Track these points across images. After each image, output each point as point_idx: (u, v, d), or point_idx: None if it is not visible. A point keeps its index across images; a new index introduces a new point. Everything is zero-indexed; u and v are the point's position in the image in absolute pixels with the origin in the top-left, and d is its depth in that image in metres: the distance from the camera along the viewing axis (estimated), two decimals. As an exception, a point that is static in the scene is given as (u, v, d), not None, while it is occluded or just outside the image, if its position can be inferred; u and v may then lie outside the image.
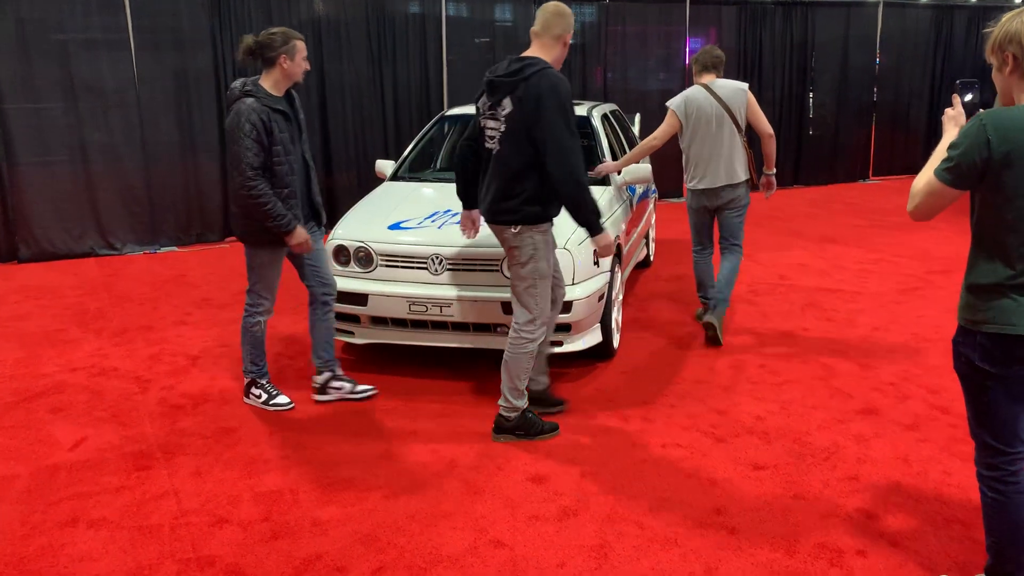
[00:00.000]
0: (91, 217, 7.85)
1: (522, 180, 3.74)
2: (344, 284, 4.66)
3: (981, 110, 2.35)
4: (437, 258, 4.54)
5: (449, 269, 4.54)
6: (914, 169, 12.37)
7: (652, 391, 4.59)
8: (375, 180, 8.75)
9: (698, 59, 5.41)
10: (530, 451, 3.89)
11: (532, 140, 3.66)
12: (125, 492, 3.55)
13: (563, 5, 3.91)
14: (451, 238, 4.61)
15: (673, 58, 10.37)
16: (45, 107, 7.56)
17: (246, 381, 4.48)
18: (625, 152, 6.14)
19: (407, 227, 4.77)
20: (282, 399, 4.42)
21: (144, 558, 3.06)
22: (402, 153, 8.66)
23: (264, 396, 4.42)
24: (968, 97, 2.88)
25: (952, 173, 2.33)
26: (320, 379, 4.49)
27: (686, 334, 5.46)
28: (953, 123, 2.49)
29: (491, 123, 3.82)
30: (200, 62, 8.09)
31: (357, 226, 4.91)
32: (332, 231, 4.94)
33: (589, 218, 3.78)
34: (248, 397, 4.47)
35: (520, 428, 4.00)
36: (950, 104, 2.60)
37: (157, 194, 8.10)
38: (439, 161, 6.50)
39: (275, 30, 4.15)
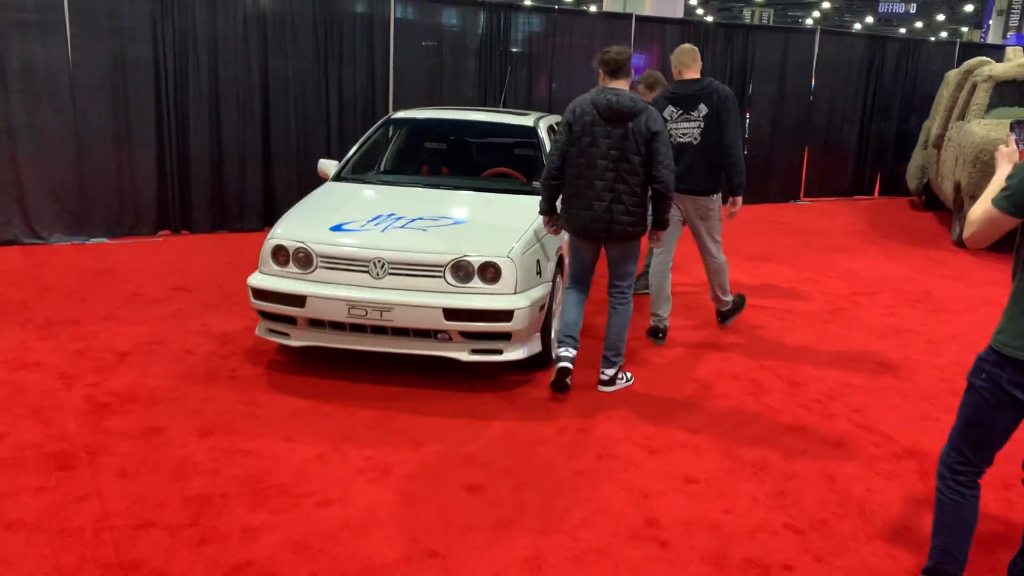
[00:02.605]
0: (16, 204, 7.56)
1: (715, 161, 5.44)
2: (282, 285, 4.60)
3: None
4: (379, 262, 4.51)
5: (391, 273, 4.51)
6: (843, 192, 12.77)
7: (588, 401, 4.63)
8: (315, 178, 8.65)
9: (642, 80, 5.63)
10: (466, 461, 3.89)
11: (722, 130, 5.36)
12: (45, 493, 3.43)
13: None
14: (394, 242, 4.58)
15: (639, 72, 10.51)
16: (-29, 88, 7.28)
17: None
18: None
19: (349, 229, 4.73)
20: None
21: (64, 563, 2.97)
22: (345, 153, 8.58)
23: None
24: (1022, 137, 3.05)
25: (1009, 201, 2.52)
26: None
27: (632, 344, 5.51)
28: (1007, 159, 2.70)
29: (684, 125, 5.43)
30: (139, 50, 7.88)
31: (298, 226, 4.84)
32: (271, 230, 4.86)
33: (742, 179, 5.52)
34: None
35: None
36: (1005, 142, 2.79)
37: (88, 183, 7.85)
38: (383, 163, 6.46)
39: None
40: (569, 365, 4.63)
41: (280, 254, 4.69)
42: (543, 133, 5.96)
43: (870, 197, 13.00)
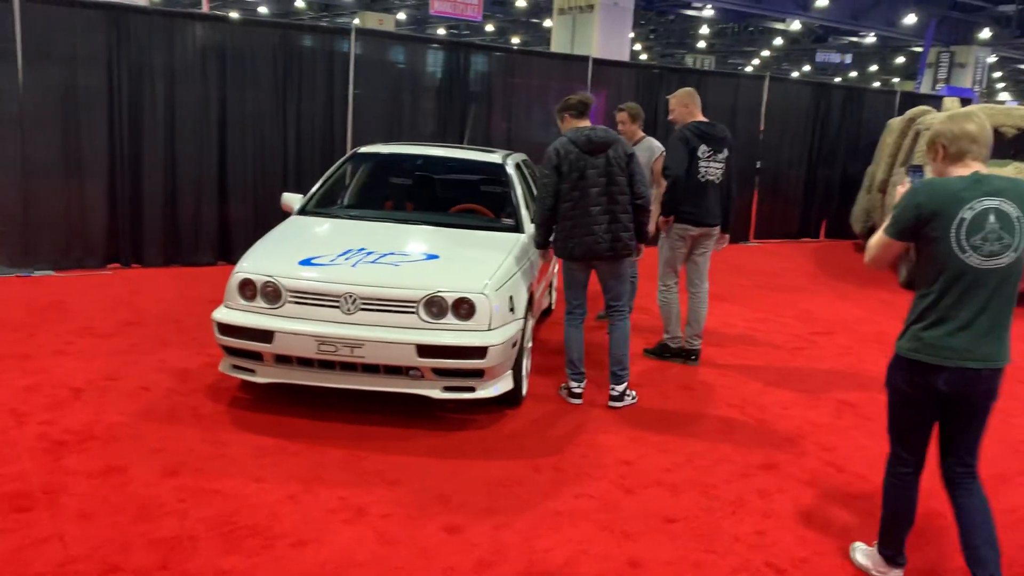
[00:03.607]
0: (-43, 234, 7.29)
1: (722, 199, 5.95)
2: (249, 320, 4.48)
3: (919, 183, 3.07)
4: (350, 297, 4.43)
5: (363, 309, 4.43)
6: (791, 234, 13.05)
7: (560, 440, 4.58)
8: (273, 213, 8.52)
9: (626, 110, 6.19)
10: (443, 501, 3.81)
11: (731, 173, 5.94)
12: (3, 536, 3.25)
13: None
14: (365, 277, 4.51)
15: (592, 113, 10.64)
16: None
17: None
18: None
19: (319, 263, 4.64)
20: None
21: (27, 610, 2.80)
22: (303, 187, 8.48)
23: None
24: (915, 179, 3.45)
25: (895, 228, 3.05)
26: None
27: (590, 382, 5.49)
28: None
29: (713, 164, 5.82)
30: (92, 79, 7.71)
31: (265, 260, 4.74)
32: (238, 263, 4.74)
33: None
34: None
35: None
36: (902, 183, 3.36)
37: (34, 214, 7.60)
38: (349, 198, 6.38)
39: None
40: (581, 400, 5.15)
41: (247, 288, 4.57)
42: (511, 170, 5.97)
43: (816, 240, 13.30)
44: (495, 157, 6.18)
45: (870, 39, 31.37)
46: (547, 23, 29.44)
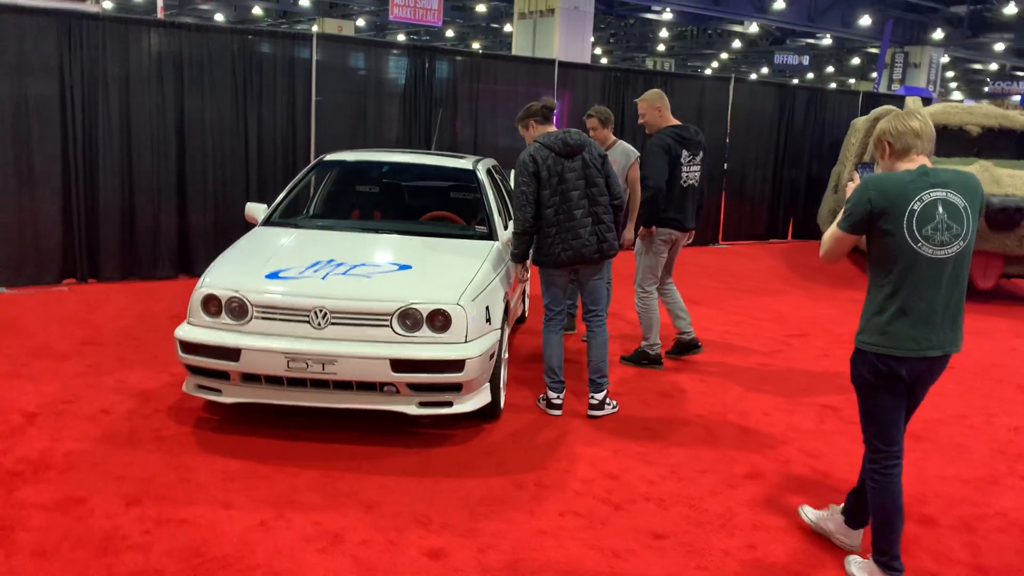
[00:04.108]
0: (-97, 252, 6.96)
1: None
2: (214, 337, 4.27)
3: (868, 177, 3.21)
4: (321, 311, 4.24)
5: (334, 323, 4.25)
6: (759, 236, 13.07)
7: (541, 453, 4.44)
8: (235, 223, 8.32)
9: (596, 114, 6.28)
10: (422, 523, 3.64)
11: (704, 175, 5.94)
12: (-48, 579, 3.03)
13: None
14: (336, 290, 4.33)
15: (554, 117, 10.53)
16: None
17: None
18: (506, 205, 6.06)
19: (287, 277, 4.45)
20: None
21: (-21, 662, 2.58)
22: (266, 197, 8.27)
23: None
24: (864, 174, 3.51)
25: (848, 222, 3.17)
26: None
27: (567, 392, 5.35)
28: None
29: (693, 169, 5.80)
30: (44, 88, 7.42)
31: (230, 274, 4.53)
32: (200, 278, 4.53)
33: None
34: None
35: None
36: (851, 179, 3.40)
37: (-16, 229, 7.30)
38: (315, 207, 6.19)
39: None
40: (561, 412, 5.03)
41: (211, 304, 4.37)
42: (482, 176, 5.82)
43: (784, 240, 13.33)
44: (465, 163, 6.03)
45: (826, 41, 31.75)
46: (507, 28, 29.39)
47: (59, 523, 3.46)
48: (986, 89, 42.37)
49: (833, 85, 41.76)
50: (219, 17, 29.42)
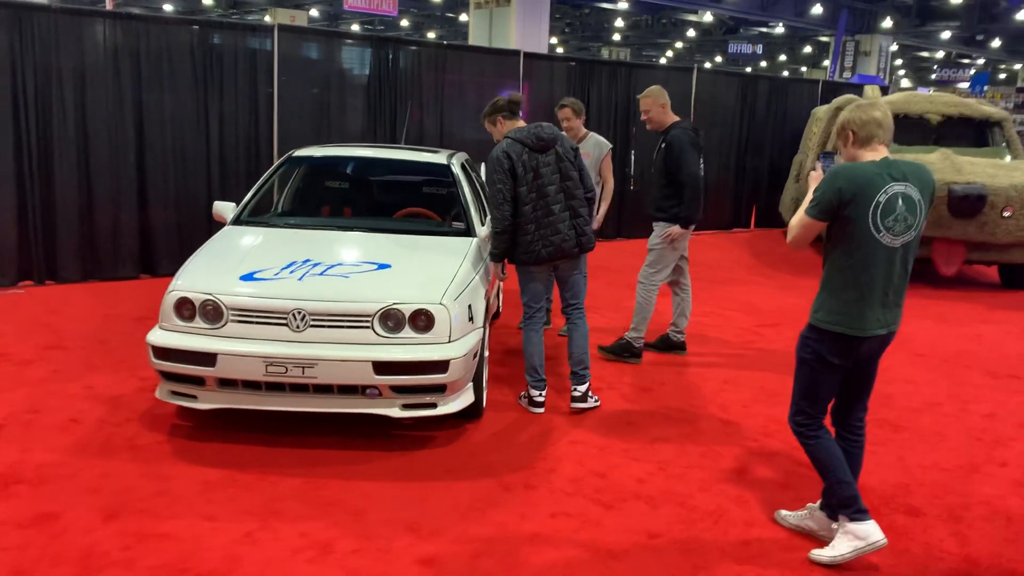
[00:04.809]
0: None
1: None
2: (188, 342, 4.14)
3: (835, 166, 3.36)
4: (299, 313, 4.13)
5: (313, 325, 4.14)
6: (722, 225, 13.15)
7: (527, 453, 4.38)
8: (198, 221, 8.13)
9: (569, 105, 6.08)
10: (412, 530, 3.56)
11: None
12: (-76, 606, 2.88)
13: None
14: (314, 291, 4.22)
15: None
16: None
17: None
18: (482, 200, 5.97)
19: (262, 278, 4.32)
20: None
21: None
22: (228, 192, 8.08)
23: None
24: (827, 164, 3.57)
25: (817, 209, 3.29)
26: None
27: (548, 389, 5.30)
28: (816, 182, 3.41)
29: (702, 163, 5.75)
30: (-5, 84, 7.16)
31: (203, 276, 4.39)
32: (172, 281, 4.38)
33: None
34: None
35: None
36: (813, 168, 3.59)
37: (-67, 230, 7.02)
38: (284, 205, 6.04)
39: None
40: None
41: (184, 307, 4.22)
42: (457, 171, 5.73)
43: (747, 229, 13.43)
44: (440, 157, 5.93)
45: (779, 30, 32.07)
46: (463, 17, 29.17)
47: (35, 541, 3.32)
48: (933, 76, 43.26)
49: (786, 73, 42.26)
50: (168, 8, 28.76)
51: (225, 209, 5.45)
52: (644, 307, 5.94)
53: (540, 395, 4.95)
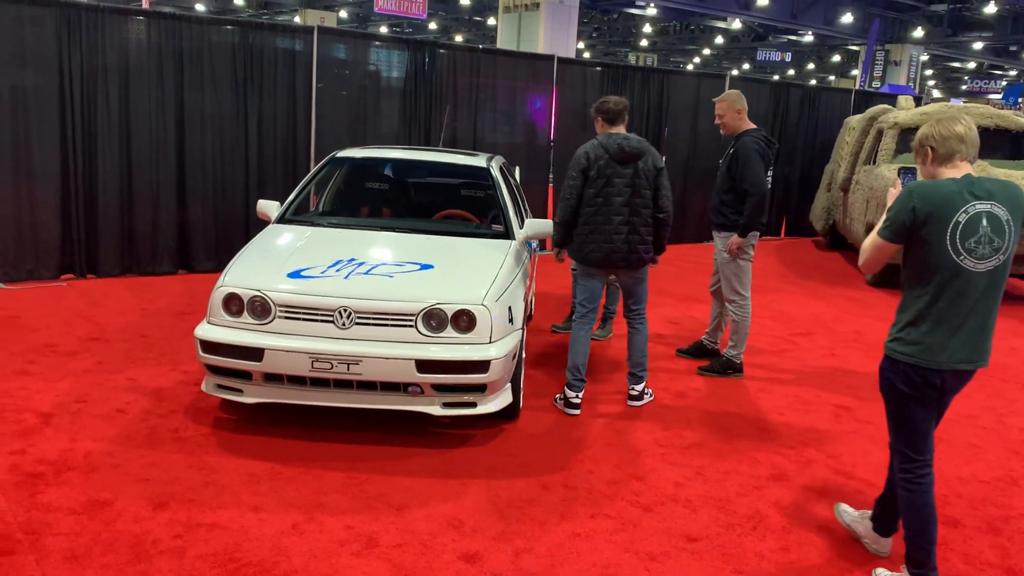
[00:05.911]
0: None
1: None
2: (236, 337, 4.22)
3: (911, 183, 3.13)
4: (345, 311, 4.20)
5: (358, 323, 4.20)
6: (751, 232, 13.07)
7: (565, 454, 4.43)
8: (236, 219, 8.25)
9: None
10: (455, 526, 3.62)
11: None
12: (-14, 586, 2.96)
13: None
14: (360, 289, 4.28)
15: (541, 112, 10.48)
16: None
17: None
18: (521, 203, 6.02)
19: (309, 276, 4.40)
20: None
21: (26, 672, 2.53)
22: (266, 190, 8.19)
23: None
24: (906, 180, 3.50)
25: (890, 231, 3.08)
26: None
27: (586, 391, 5.34)
28: (893, 199, 3.16)
29: (769, 172, 5.66)
30: (43, 82, 7.29)
31: (251, 273, 4.47)
32: (220, 277, 4.47)
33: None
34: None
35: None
36: (892, 184, 3.30)
37: (-19, 223, 7.16)
38: (326, 204, 6.12)
39: None
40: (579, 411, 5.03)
41: (233, 303, 4.31)
42: (496, 174, 5.78)
43: (777, 238, 13.39)
44: (479, 160, 5.99)
45: (808, 38, 31.94)
46: (491, 21, 29.29)
47: (88, 527, 3.40)
48: (964, 87, 42.90)
49: (814, 82, 42.06)
50: (200, 8, 29.08)
51: (269, 208, 5.53)
52: (741, 324, 5.85)
53: (576, 396, 4.99)
